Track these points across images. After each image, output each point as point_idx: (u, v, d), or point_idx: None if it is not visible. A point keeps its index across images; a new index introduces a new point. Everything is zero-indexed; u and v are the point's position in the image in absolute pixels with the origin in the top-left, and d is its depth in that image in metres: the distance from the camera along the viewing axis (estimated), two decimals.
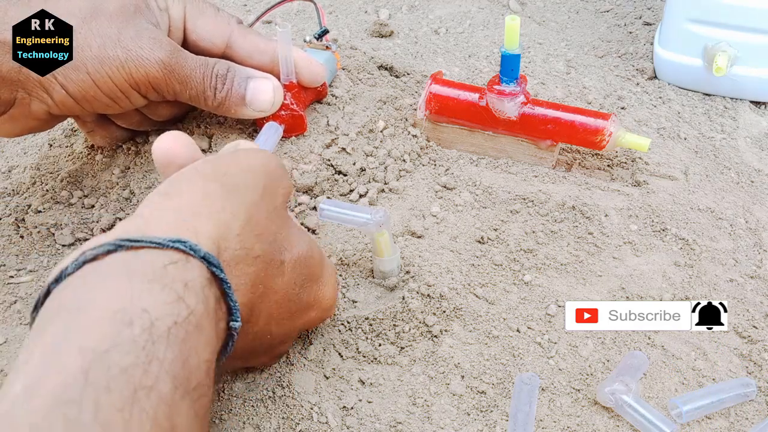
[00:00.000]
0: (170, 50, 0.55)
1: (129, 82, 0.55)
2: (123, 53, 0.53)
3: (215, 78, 0.58)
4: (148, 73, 0.55)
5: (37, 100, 0.55)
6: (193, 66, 0.57)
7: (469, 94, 0.68)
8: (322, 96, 0.67)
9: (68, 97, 0.54)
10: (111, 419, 0.28)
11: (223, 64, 0.59)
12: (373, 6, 0.97)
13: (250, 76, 0.60)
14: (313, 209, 0.62)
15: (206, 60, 0.58)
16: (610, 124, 0.65)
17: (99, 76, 0.54)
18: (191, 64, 0.57)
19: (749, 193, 0.67)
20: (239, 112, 0.60)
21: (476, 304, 0.56)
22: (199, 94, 0.58)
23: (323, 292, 0.48)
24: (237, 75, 0.59)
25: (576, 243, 0.61)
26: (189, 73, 0.57)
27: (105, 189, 0.65)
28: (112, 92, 0.55)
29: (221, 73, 0.58)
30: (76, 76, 0.53)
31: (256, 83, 0.60)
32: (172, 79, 0.56)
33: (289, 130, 0.63)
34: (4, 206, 0.65)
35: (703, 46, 0.76)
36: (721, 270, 0.60)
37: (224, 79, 0.58)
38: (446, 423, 0.49)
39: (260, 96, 0.60)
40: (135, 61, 0.54)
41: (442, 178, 0.66)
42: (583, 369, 0.52)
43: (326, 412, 0.49)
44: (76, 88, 0.54)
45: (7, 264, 0.60)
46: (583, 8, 0.98)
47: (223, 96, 0.59)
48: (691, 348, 0.54)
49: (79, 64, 0.53)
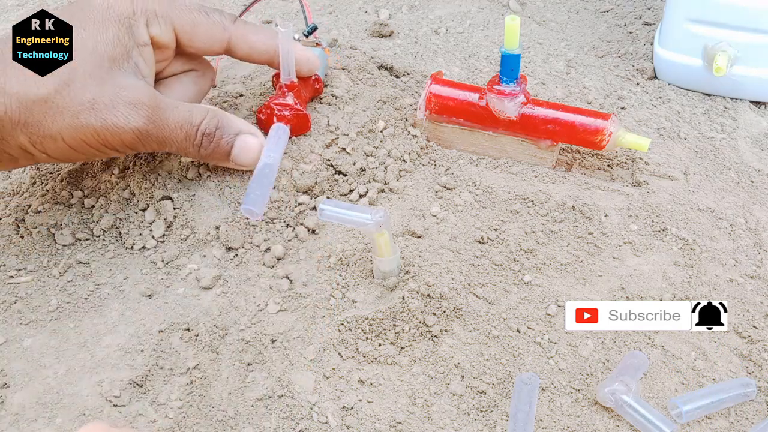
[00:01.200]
0: (147, 115, 0.54)
1: (105, 145, 0.54)
2: (98, 122, 0.53)
3: (201, 137, 0.57)
4: (123, 140, 0.54)
5: (23, 159, 0.55)
6: (174, 126, 0.56)
7: (469, 94, 0.68)
8: (319, 93, 0.67)
9: (50, 158, 0.55)
10: None
11: (212, 120, 0.58)
12: (373, 6, 0.97)
13: (239, 132, 0.59)
14: (313, 209, 0.62)
15: (191, 116, 0.57)
16: (610, 124, 0.65)
17: (75, 143, 0.53)
18: (172, 124, 0.56)
19: (749, 193, 0.67)
20: (219, 164, 0.61)
21: (476, 304, 0.56)
22: (181, 150, 0.58)
23: None
24: (225, 132, 0.58)
25: (576, 243, 0.61)
26: (169, 135, 0.56)
27: (105, 189, 0.65)
28: (89, 153, 0.55)
29: (209, 132, 0.57)
30: (54, 144, 0.53)
31: (244, 140, 0.59)
32: (149, 141, 0.56)
33: (295, 131, 0.63)
34: (4, 206, 0.65)
35: (703, 46, 0.76)
36: (721, 270, 0.60)
37: (211, 137, 0.58)
38: (446, 423, 0.49)
39: (246, 154, 0.59)
40: (110, 129, 0.53)
41: (442, 178, 0.66)
42: (583, 369, 0.52)
43: (326, 411, 0.49)
44: (56, 153, 0.54)
45: (7, 264, 0.60)
46: (583, 8, 0.98)
47: (208, 153, 0.58)
48: (691, 348, 0.54)
49: (54, 134, 0.53)
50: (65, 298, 0.57)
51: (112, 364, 0.52)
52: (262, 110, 0.64)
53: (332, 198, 0.63)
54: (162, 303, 0.57)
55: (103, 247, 0.61)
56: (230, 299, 0.57)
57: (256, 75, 0.74)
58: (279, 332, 0.54)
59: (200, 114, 0.57)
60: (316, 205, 0.61)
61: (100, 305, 0.57)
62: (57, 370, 0.52)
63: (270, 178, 0.58)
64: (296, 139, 0.64)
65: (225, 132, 0.58)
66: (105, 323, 0.56)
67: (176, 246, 0.60)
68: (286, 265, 0.59)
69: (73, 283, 0.58)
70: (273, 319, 0.55)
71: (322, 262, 0.58)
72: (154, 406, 0.50)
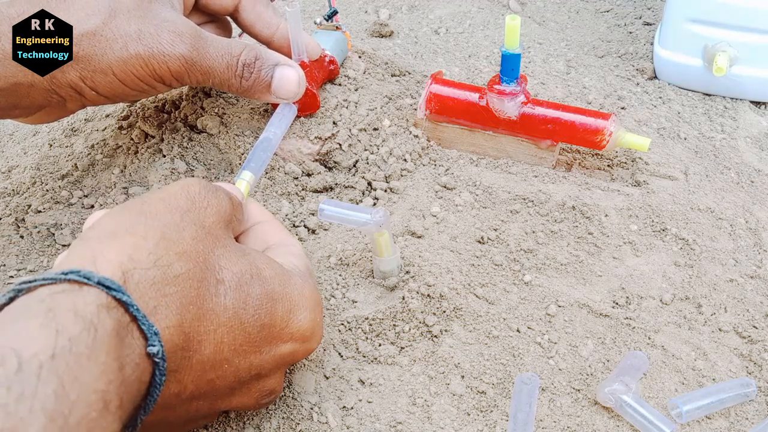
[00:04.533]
0: (191, 43, 0.55)
1: (153, 77, 0.55)
2: (145, 51, 0.54)
3: (242, 67, 0.58)
4: (170, 68, 0.55)
5: (71, 101, 0.56)
6: (216, 56, 0.57)
7: (469, 93, 0.68)
8: (335, 75, 0.68)
9: (99, 96, 0.56)
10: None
11: (251, 51, 0.58)
12: (373, 6, 0.97)
13: (277, 63, 0.59)
14: (312, 215, 0.62)
15: (230, 47, 0.58)
16: (610, 124, 0.65)
17: (125, 75, 0.54)
18: (213, 54, 0.57)
19: (749, 193, 0.67)
20: (261, 98, 0.61)
21: (476, 304, 0.56)
22: (224, 82, 0.58)
23: (297, 317, 0.44)
24: (265, 63, 0.59)
25: (576, 243, 0.61)
26: (212, 64, 0.57)
27: (105, 189, 0.65)
28: (139, 87, 0.56)
29: (249, 62, 0.58)
30: (104, 78, 0.54)
31: (283, 71, 0.59)
32: (194, 71, 0.56)
33: (303, 109, 0.64)
34: (4, 206, 0.65)
35: (703, 46, 0.76)
36: (721, 270, 0.60)
37: (252, 67, 0.58)
38: (446, 423, 0.49)
39: (286, 85, 0.60)
40: (157, 58, 0.54)
41: (442, 178, 0.66)
42: (583, 369, 0.52)
43: (326, 412, 0.49)
44: (106, 88, 0.55)
45: (7, 264, 0.60)
46: (583, 8, 0.98)
47: (250, 84, 0.59)
48: (691, 348, 0.54)
49: (105, 67, 0.54)
50: None
51: None
52: None
53: (332, 198, 0.63)
54: None
55: None
56: None
57: None
58: None
59: (239, 46, 0.58)
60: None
61: None
62: None
63: (268, 153, 0.59)
64: (299, 126, 0.64)
65: (264, 63, 0.59)
66: None
67: None
68: None
69: None
70: None
71: (322, 262, 0.58)
72: None
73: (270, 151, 0.59)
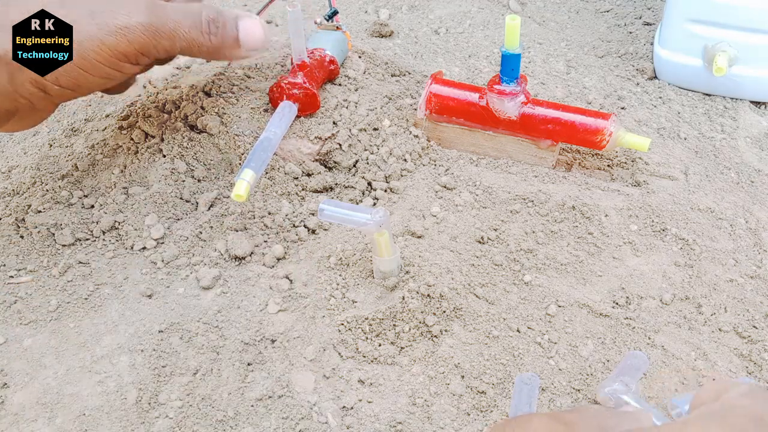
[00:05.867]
0: (147, 9, 0.53)
1: (116, 56, 0.53)
2: (100, 29, 0.51)
3: (207, 23, 0.56)
4: (131, 42, 0.52)
5: (37, 100, 0.54)
6: (177, 17, 0.54)
7: (469, 93, 0.68)
8: (335, 75, 0.68)
9: (64, 89, 0.54)
10: None
11: (210, 8, 0.57)
12: (373, 6, 0.97)
13: (237, 17, 0.58)
14: (312, 215, 0.62)
15: (189, 7, 0.56)
16: (610, 124, 0.65)
17: (84, 61, 0.52)
18: (174, 16, 0.54)
19: (749, 193, 0.67)
20: (231, 54, 0.58)
21: (476, 304, 0.56)
22: (192, 43, 0.56)
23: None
24: (226, 16, 0.57)
25: (576, 243, 0.61)
26: (175, 27, 0.54)
27: (105, 189, 0.65)
28: (103, 72, 0.53)
29: (213, 17, 0.56)
30: (63, 68, 0.52)
31: (245, 23, 0.58)
32: (159, 37, 0.54)
33: (303, 109, 0.64)
34: (4, 206, 0.65)
35: (703, 46, 0.76)
36: (721, 270, 0.60)
37: (216, 22, 0.56)
38: (446, 423, 0.49)
39: (252, 35, 0.58)
40: (115, 34, 0.52)
41: (442, 178, 0.66)
42: (583, 369, 0.52)
43: (326, 411, 0.49)
44: (68, 80, 0.53)
45: (7, 264, 0.60)
46: (583, 8, 0.98)
47: (219, 40, 0.56)
48: (691, 348, 0.54)
49: None
50: (65, 298, 0.57)
51: (112, 364, 0.52)
52: (273, 89, 0.65)
53: (332, 198, 0.63)
54: (162, 303, 0.57)
55: (103, 247, 0.61)
56: (230, 299, 0.57)
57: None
58: (279, 332, 0.54)
59: (197, 5, 0.57)
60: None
61: (100, 305, 0.57)
62: (57, 370, 0.52)
63: (268, 152, 0.59)
64: (299, 125, 0.64)
65: (227, 17, 0.57)
66: (105, 323, 0.56)
67: (176, 246, 0.60)
68: (286, 265, 0.59)
69: (73, 283, 0.58)
70: (273, 319, 0.55)
71: (322, 262, 0.58)
72: (154, 406, 0.50)
73: (270, 151, 0.59)
